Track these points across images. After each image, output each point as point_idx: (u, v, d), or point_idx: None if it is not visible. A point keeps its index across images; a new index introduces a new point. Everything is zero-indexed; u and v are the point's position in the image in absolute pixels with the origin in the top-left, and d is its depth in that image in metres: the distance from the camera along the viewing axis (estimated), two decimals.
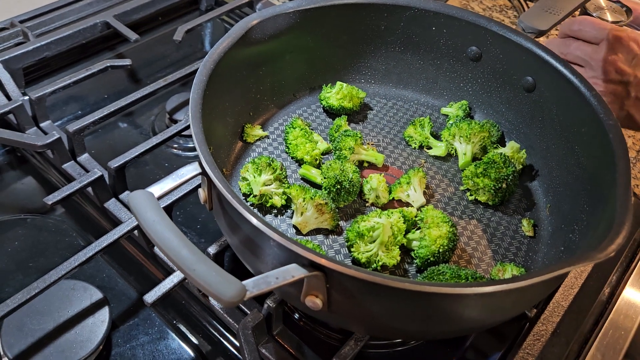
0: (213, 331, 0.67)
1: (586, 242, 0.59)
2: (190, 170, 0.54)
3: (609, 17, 0.93)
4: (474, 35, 0.78)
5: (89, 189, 0.73)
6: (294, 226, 0.67)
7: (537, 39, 0.74)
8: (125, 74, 1.00)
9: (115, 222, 0.73)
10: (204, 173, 0.54)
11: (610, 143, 0.62)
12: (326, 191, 0.67)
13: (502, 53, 0.77)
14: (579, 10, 0.86)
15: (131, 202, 0.48)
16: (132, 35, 0.92)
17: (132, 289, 0.70)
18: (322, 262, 0.47)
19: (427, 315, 0.51)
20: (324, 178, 0.68)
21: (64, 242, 0.74)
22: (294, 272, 0.47)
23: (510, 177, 0.70)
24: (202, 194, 0.59)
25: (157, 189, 0.51)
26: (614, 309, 0.70)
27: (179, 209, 0.79)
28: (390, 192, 0.71)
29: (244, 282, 0.45)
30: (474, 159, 0.77)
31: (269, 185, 0.68)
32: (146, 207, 0.47)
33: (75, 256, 0.63)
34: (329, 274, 0.48)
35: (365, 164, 0.76)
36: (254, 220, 0.49)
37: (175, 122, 0.86)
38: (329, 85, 0.82)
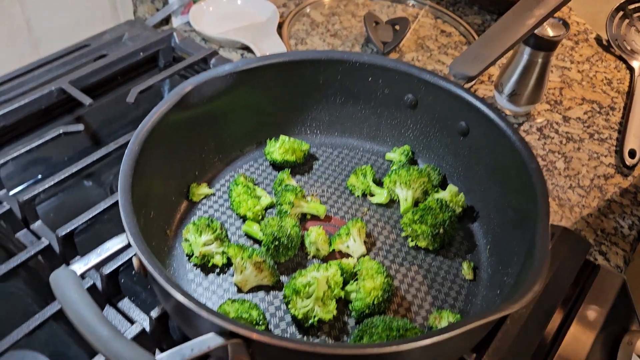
0: None
1: (514, 288, 0.60)
2: (116, 243, 0.56)
3: (550, 32, 0.97)
4: (408, 84, 0.80)
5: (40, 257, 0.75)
6: (235, 284, 0.68)
7: (466, 85, 0.77)
8: (86, 135, 1.03)
9: None
10: (131, 245, 0.56)
11: (534, 187, 0.64)
12: (265, 248, 0.69)
13: (435, 100, 0.79)
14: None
15: (52, 282, 0.50)
16: (86, 100, 0.95)
17: (84, 354, 0.71)
18: (238, 330, 0.48)
19: None
20: (263, 235, 0.70)
21: (21, 309, 0.76)
22: (210, 342, 0.48)
23: (447, 222, 0.72)
24: (135, 261, 0.61)
25: (80, 266, 0.52)
26: (560, 347, 0.71)
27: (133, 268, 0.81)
28: (330, 244, 0.73)
29: (158, 356, 0.46)
30: (417, 203, 0.79)
31: (210, 245, 0.70)
32: (66, 287, 0.49)
33: (19, 328, 0.65)
34: (247, 340, 0.49)
35: (309, 216, 0.77)
36: (174, 293, 0.50)
37: None
38: (274, 139, 0.84)
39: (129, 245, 0.57)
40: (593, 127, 1.11)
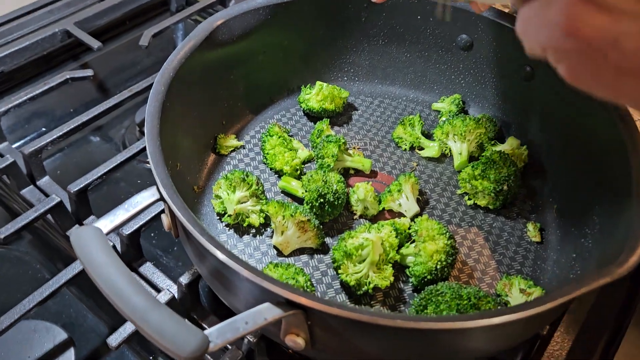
0: None
1: (601, 251, 0.53)
2: (146, 197, 0.47)
3: None
4: (463, 22, 0.71)
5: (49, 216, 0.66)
6: (275, 247, 0.60)
7: None
8: (93, 85, 0.93)
9: None
10: (162, 199, 0.48)
11: (620, 134, 0.55)
12: (308, 206, 0.61)
13: (496, 40, 0.70)
14: None
15: (74, 240, 0.41)
16: (95, 44, 0.85)
17: (102, 324, 0.64)
18: (300, 300, 0.40)
19: (423, 350, 0.44)
20: (306, 191, 0.61)
21: (27, 275, 0.68)
22: (266, 313, 0.40)
23: (511, 177, 0.63)
24: (165, 220, 0.52)
25: (106, 223, 0.44)
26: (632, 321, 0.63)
27: (153, 230, 0.73)
28: (380, 202, 0.64)
29: (207, 331, 0.38)
30: (471, 158, 0.70)
31: (245, 202, 0.61)
32: (91, 246, 0.41)
33: (31, 296, 0.57)
34: (309, 312, 0.41)
35: (352, 171, 0.69)
36: (219, 255, 0.42)
37: None
38: (309, 85, 0.75)
39: (158, 200, 0.49)
40: None
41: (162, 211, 0.64)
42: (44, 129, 0.85)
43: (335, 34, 0.75)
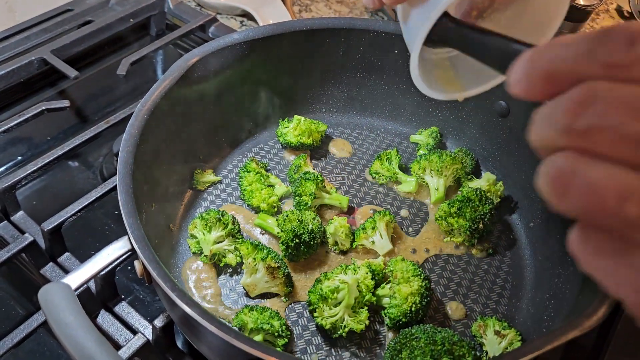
0: None
1: (573, 295, 0.53)
2: (117, 249, 0.47)
3: (582, 0, 0.89)
4: None
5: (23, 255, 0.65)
6: (243, 287, 0.60)
7: None
8: (71, 111, 0.92)
9: None
10: (134, 250, 0.47)
11: None
12: (284, 246, 0.60)
13: None
14: None
15: (41, 298, 0.41)
16: (71, 72, 0.84)
17: None
18: (269, 359, 0.40)
19: None
20: (281, 231, 0.61)
21: (1, 312, 0.67)
22: None
23: (487, 215, 0.64)
24: (138, 266, 0.52)
25: (74, 279, 0.43)
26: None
27: (130, 263, 0.72)
28: (354, 239, 0.64)
29: None
30: (449, 191, 0.71)
31: (221, 242, 0.61)
32: (58, 305, 0.40)
33: (2, 342, 0.56)
34: None
35: (330, 207, 0.69)
36: (188, 310, 0.42)
37: None
38: (287, 119, 0.75)
39: (129, 251, 0.48)
40: None
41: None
42: (20, 157, 0.84)
43: (313, 67, 0.75)
